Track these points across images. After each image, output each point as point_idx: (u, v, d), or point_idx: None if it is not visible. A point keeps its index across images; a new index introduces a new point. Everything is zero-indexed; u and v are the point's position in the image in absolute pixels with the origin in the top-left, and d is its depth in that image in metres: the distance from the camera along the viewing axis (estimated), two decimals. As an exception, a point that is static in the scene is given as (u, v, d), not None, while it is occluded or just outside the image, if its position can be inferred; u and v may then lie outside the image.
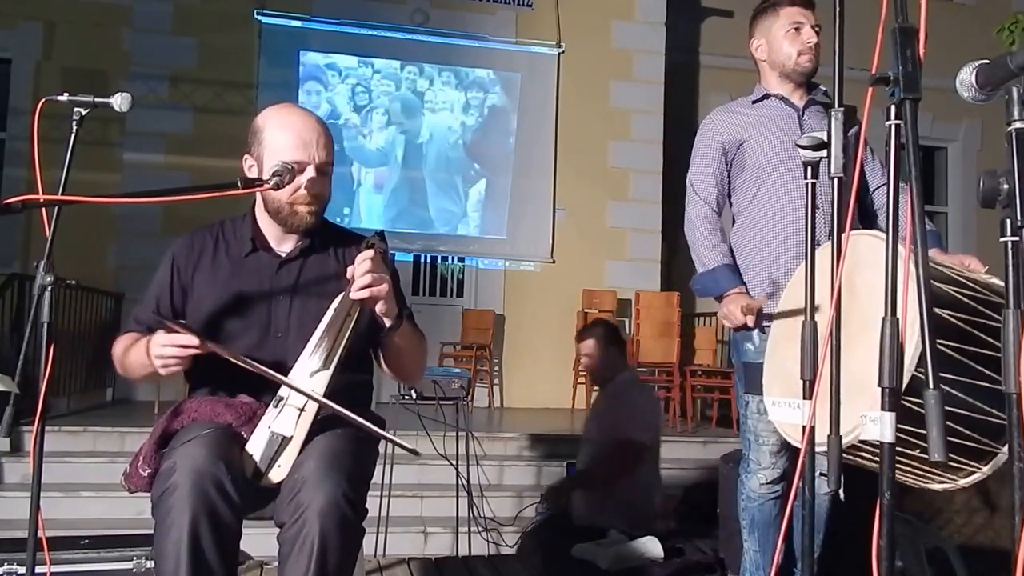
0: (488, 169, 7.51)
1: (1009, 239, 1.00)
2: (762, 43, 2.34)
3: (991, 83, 1.04)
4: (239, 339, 1.72)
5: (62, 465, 4.19)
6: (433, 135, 7.45)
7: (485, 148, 7.52)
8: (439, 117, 7.47)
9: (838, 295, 1.25)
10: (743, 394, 2.31)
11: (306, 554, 1.43)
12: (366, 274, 1.58)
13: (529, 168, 7.48)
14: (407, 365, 1.85)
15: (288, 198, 1.71)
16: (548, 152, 7.50)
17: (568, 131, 7.54)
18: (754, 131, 2.30)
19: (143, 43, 6.91)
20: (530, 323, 7.27)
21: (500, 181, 7.50)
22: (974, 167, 8.97)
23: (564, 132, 7.54)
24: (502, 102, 7.56)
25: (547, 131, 7.51)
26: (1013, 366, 0.97)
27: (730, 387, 5.87)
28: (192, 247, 1.81)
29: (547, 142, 7.51)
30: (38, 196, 1.52)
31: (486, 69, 7.53)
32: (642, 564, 3.13)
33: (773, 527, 2.26)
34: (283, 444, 1.58)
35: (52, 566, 2.02)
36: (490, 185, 7.50)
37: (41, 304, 1.56)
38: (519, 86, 7.56)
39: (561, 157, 7.52)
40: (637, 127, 7.67)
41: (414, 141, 7.42)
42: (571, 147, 7.53)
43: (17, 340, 4.65)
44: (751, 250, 2.29)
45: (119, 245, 6.72)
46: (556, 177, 7.50)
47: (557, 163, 7.51)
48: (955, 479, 1.56)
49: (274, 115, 1.75)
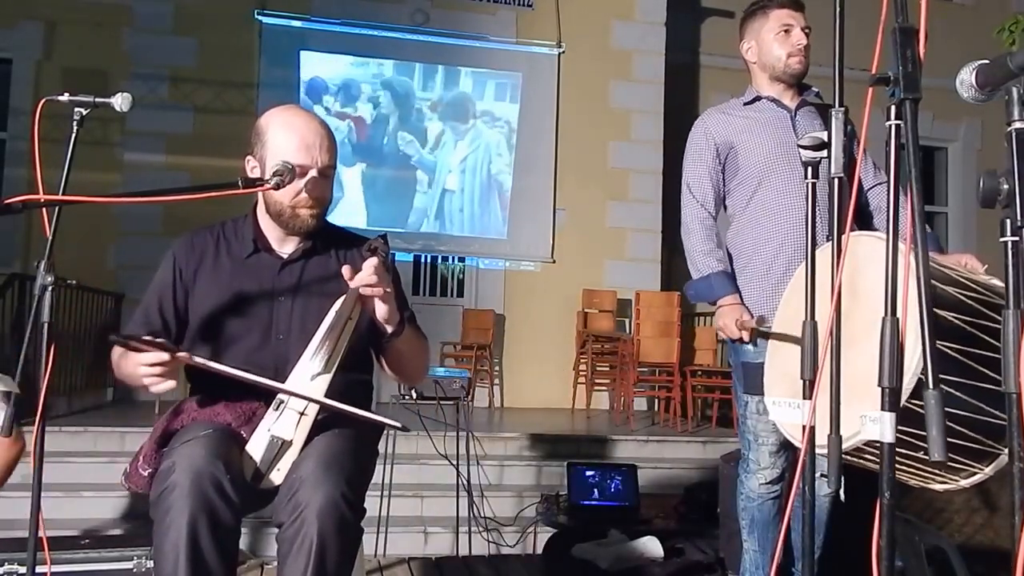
0: (488, 169, 7.51)
1: (1009, 239, 1.00)
2: (752, 45, 2.34)
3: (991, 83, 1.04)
4: (240, 340, 1.71)
5: (62, 465, 4.18)
6: (433, 135, 7.45)
7: (485, 148, 7.52)
8: (439, 117, 7.47)
9: (838, 295, 1.25)
10: (742, 394, 2.31)
11: (304, 554, 1.43)
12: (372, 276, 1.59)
13: (529, 168, 7.48)
14: (409, 368, 1.86)
15: (290, 201, 1.71)
16: (548, 152, 7.51)
17: (568, 131, 7.54)
18: (747, 134, 2.29)
19: (143, 43, 6.91)
20: (530, 323, 7.27)
21: (500, 181, 7.50)
22: (974, 167, 8.97)
23: (564, 132, 7.54)
24: (502, 102, 7.56)
25: (547, 131, 7.52)
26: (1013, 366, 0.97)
27: (730, 387, 5.85)
28: (193, 247, 1.80)
29: (547, 142, 7.51)
30: (38, 196, 1.52)
31: (486, 69, 7.53)
32: (642, 564, 3.13)
33: (773, 527, 2.26)
34: (283, 448, 1.58)
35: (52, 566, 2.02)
36: (490, 185, 7.50)
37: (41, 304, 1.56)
38: (519, 86, 7.56)
39: (561, 157, 7.52)
40: (637, 127, 7.67)
41: (414, 141, 7.42)
42: (571, 147, 7.53)
43: (17, 340, 4.64)
44: (749, 252, 2.28)
45: (119, 245, 6.71)
46: (556, 177, 7.50)
47: (557, 163, 7.51)
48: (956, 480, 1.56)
49: (277, 117, 1.75)
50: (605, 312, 7.31)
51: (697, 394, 6.30)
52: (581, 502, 3.87)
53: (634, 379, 6.18)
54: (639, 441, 5.29)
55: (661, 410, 6.63)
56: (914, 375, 1.31)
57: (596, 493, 3.90)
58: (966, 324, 1.42)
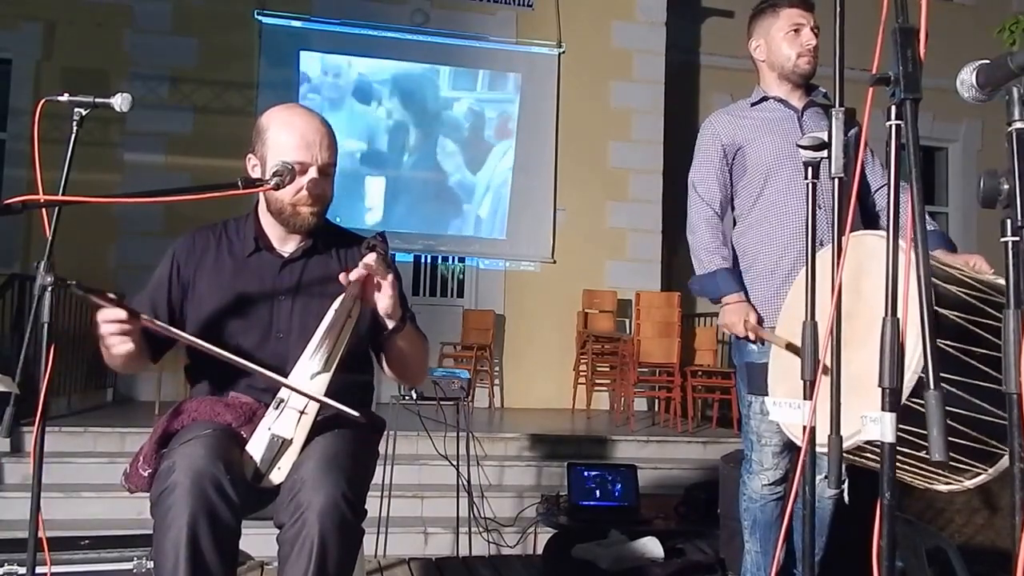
0: (488, 169, 7.51)
1: (1009, 239, 1.00)
2: (761, 43, 2.33)
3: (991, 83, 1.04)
4: (240, 339, 1.72)
5: (62, 465, 4.19)
6: (433, 135, 7.45)
7: (485, 148, 7.52)
8: (439, 117, 7.47)
9: (838, 295, 1.25)
10: (745, 395, 2.30)
11: (306, 555, 1.43)
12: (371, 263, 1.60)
13: (529, 168, 7.48)
14: (410, 367, 1.86)
15: (290, 199, 1.71)
16: (548, 152, 7.50)
17: (568, 131, 7.53)
18: (754, 134, 2.29)
19: (143, 43, 6.91)
20: (530, 323, 7.26)
21: (500, 181, 7.50)
22: (974, 167, 8.97)
23: (564, 132, 7.53)
24: (502, 102, 7.56)
25: (547, 131, 7.51)
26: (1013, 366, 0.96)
27: (730, 387, 5.87)
28: (194, 245, 1.81)
29: (547, 142, 7.51)
30: (38, 196, 1.52)
31: (486, 69, 7.53)
32: (642, 564, 3.13)
33: (775, 528, 2.26)
34: (283, 447, 1.58)
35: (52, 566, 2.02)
36: (490, 185, 7.50)
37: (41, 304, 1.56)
38: (519, 86, 7.56)
39: (561, 157, 7.52)
40: (637, 127, 7.67)
41: (414, 141, 7.42)
42: (571, 147, 7.53)
43: (17, 340, 4.65)
44: (754, 251, 2.28)
45: (119, 245, 6.71)
46: (556, 177, 7.49)
47: (557, 163, 7.51)
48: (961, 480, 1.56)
49: (278, 115, 1.75)
50: (605, 312, 7.30)
51: (697, 394, 6.30)
52: (581, 502, 3.87)
53: (634, 379, 6.18)
54: (639, 441, 5.29)
55: (661, 410, 6.63)
56: (915, 373, 1.30)
57: (596, 493, 3.90)
58: (969, 323, 1.41)
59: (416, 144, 7.42)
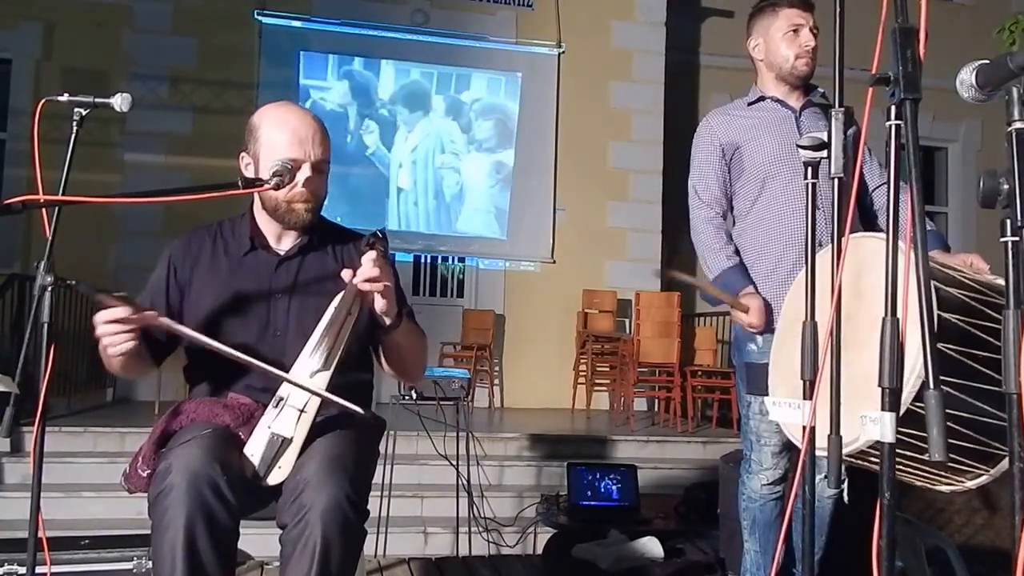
0: (488, 169, 7.50)
1: (1009, 239, 1.00)
2: (759, 43, 2.33)
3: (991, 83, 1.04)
4: (238, 337, 1.71)
5: (62, 465, 4.18)
6: (433, 135, 7.45)
7: (485, 148, 7.52)
8: (439, 117, 7.47)
9: (838, 296, 1.25)
10: (745, 395, 2.30)
11: (308, 555, 1.43)
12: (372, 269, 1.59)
13: (529, 168, 7.48)
14: (408, 364, 1.85)
15: (285, 196, 1.71)
16: (548, 152, 7.50)
17: (568, 131, 7.53)
18: (751, 134, 2.28)
19: (143, 43, 6.91)
20: (530, 323, 7.26)
21: (500, 181, 7.49)
22: (974, 167, 8.96)
23: (564, 132, 7.53)
24: (502, 102, 7.56)
25: (547, 131, 7.51)
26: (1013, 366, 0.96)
27: (730, 387, 5.87)
28: (190, 246, 1.81)
29: (547, 142, 7.51)
30: (38, 196, 1.52)
31: (486, 69, 7.53)
32: (642, 564, 3.13)
33: (774, 528, 2.26)
34: (283, 445, 1.57)
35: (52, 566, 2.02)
36: (490, 185, 7.50)
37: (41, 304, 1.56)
38: (519, 86, 7.55)
39: (561, 157, 7.52)
40: (637, 127, 7.67)
41: (414, 141, 7.42)
42: (571, 147, 7.53)
43: (17, 340, 4.64)
44: (754, 253, 2.28)
45: (119, 245, 6.71)
46: (556, 177, 7.49)
47: (557, 163, 7.51)
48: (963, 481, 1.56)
49: (270, 113, 1.75)
50: (605, 312, 7.30)
51: (697, 394, 6.30)
52: (581, 502, 3.87)
53: (634, 379, 6.18)
54: (639, 441, 5.29)
55: (661, 410, 6.63)
56: (918, 378, 1.30)
57: (596, 493, 3.90)
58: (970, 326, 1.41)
59: (416, 144, 7.42)
